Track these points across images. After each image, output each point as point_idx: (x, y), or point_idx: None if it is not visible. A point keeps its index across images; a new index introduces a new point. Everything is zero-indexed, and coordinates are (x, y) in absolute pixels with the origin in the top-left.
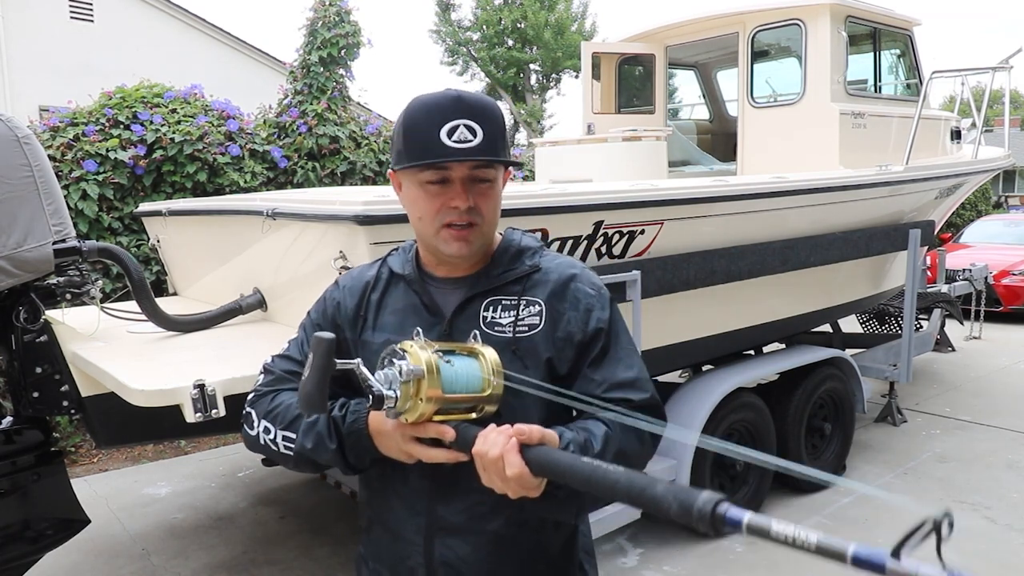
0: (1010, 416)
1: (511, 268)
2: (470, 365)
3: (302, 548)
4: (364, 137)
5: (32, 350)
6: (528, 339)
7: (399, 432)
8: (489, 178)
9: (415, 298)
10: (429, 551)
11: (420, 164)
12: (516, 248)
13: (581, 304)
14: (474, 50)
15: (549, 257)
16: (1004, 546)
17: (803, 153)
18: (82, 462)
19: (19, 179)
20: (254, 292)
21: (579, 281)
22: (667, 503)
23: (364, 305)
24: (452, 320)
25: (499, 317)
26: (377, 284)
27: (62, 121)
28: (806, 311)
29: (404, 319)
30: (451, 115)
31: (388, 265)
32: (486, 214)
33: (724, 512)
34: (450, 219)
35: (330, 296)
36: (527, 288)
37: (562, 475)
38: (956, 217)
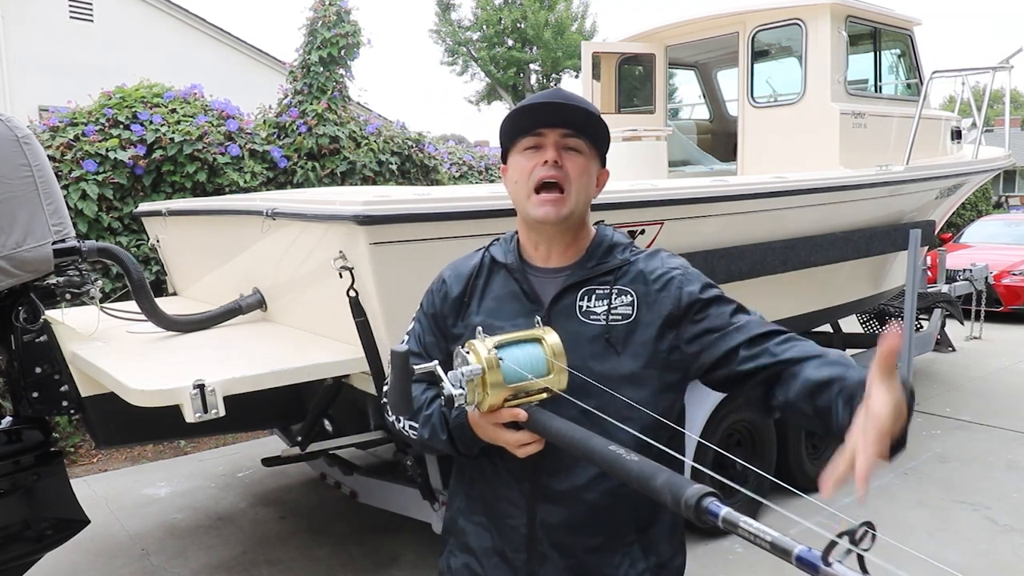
0: (1010, 416)
1: (604, 261)
2: (531, 351)
3: (302, 548)
4: (364, 137)
5: (32, 350)
6: (621, 327)
7: (484, 421)
8: (579, 149)
9: (515, 286)
10: (532, 514)
11: (519, 129)
12: (609, 242)
13: (672, 284)
14: (474, 50)
15: (637, 251)
16: (1004, 546)
17: (803, 153)
18: (82, 462)
19: (19, 179)
20: (254, 292)
21: (665, 264)
22: (664, 493)
23: (468, 292)
24: (550, 308)
25: (593, 306)
26: (481, 271)
27: (62, 121)
28: (806, 311)
29: (504, 305)
30: (550, 96)
31: (490, 253)
32: (574, 178)
33: (707, 505)
34: (541, 175)
35: (437, 288)
36: (619, 279)
37: (581, 455)
38: (956, 217)
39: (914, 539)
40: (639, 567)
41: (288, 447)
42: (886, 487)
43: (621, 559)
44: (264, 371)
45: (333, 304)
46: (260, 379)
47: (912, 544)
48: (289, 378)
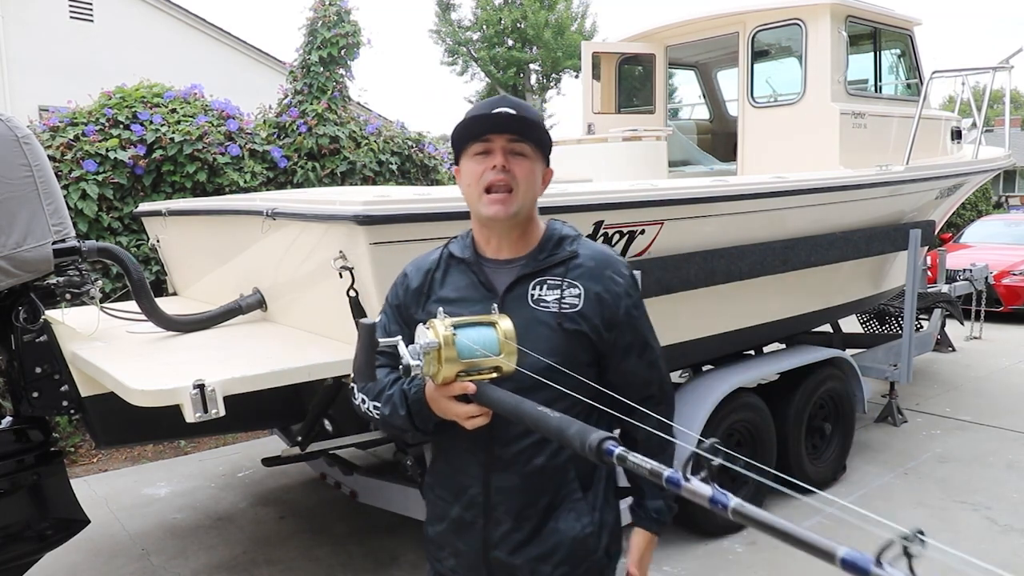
0: (1010, 416)
1: (554, 253)
2: (485, 333)
3: (302, 548)
4: (364, 137)
5: (32, 350)
6: (568, 315)
7: (438, 394)
8: (524, 153)
9: (473, 277)
10: (487, 482)
11: (468, 135)
12: (558, 236)
13: (613, 289)
14: (474, 50)
15: (585, 244)
16: (1004, 546)
17: (803, 153)
18: (82, 462)
19: (19, 179)
20: (254, 292)
21: (611, 268)
22: (575, 440)
23: (427, 283)
24: (504, 296)
25: (545, 295)
26: (440, 264)
27: (62, 121)
28: (806, 311)
29: (463, 294)
30: (496, 104)
31: (448, 250)
32: (520, 179)
33: (605, 447)
34: (490, 179)
35: (400, 282)
36: (569, 271)
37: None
38: (956, 217)
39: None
40: (584, 521)
41: (288, 447)
42: (886, 487)
43: (567, 514)
44: (264, 371)
45: (333, 304)
46: (260, 379)
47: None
48: (289, 378)
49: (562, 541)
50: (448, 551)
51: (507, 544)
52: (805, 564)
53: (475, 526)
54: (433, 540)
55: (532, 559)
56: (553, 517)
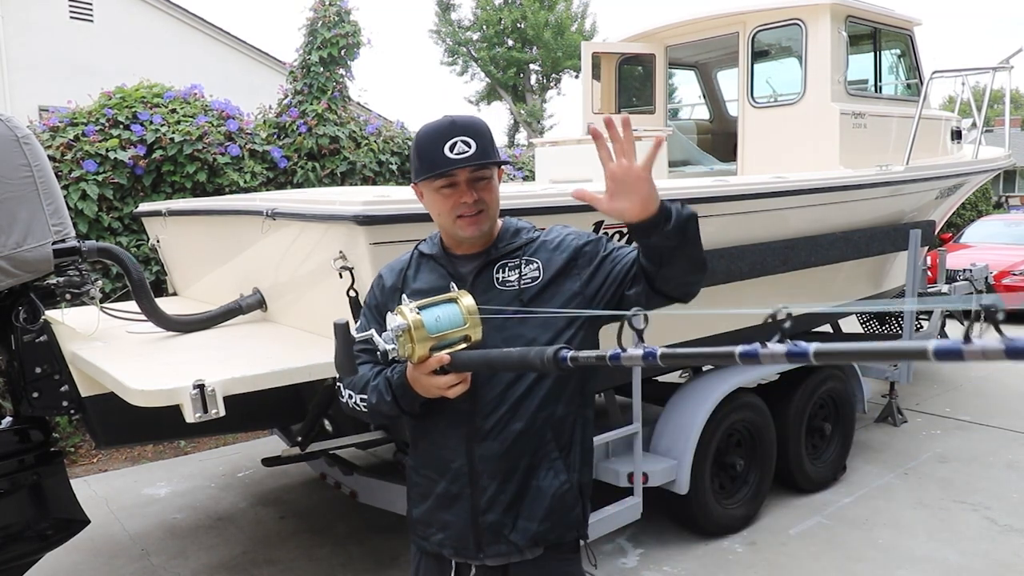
0: (1010, 416)
1: (512, 241)
2: (449, 308)
3: (302, 548)
4: (364, 137)
5: (32, 350)
6: (532, 288)
7: (418, 373)
8: (487, 176)
9: (442, 270)
10: (471, 452)
11: (433, 175)
12: (514, 228)
13: (565, 242)
14: (474, 50)
15: (545, 232)
16: (1004, 546)
17: (803, 153)
18: (82, 462)
19: (19, 179)
20: (254, 292)
21: (565, 232)
22: (535, 361)
23: (401, 279)
24: (473, 283)
25: (507, 276)
26: (411, 264)
27: (62, 121)
28: (806, 311)
29: (435, 285)
30: (449, 135)
31: (419, 250)
32: (489, 203)
33: (561, 354)
34: (461, 212)
35: (375, 285)
36: (526, 252)
37: (487, 368)
38: (956, 217)
39: (914, 539)
40: (561, 478)
41: (288, 447)
42: (886, 487)
43: (546, 472)
44: (264, 371)
45: (333, 304)
46: (260, 379)
47: (912, 544)
48: (289, 378)
49: (543, 497)
50: (435, 527)
51: (495, 507)
52: (806, 564)
53: (462, 496)
54: (419, 520)
55: (518, 517)
56: (534, 476)
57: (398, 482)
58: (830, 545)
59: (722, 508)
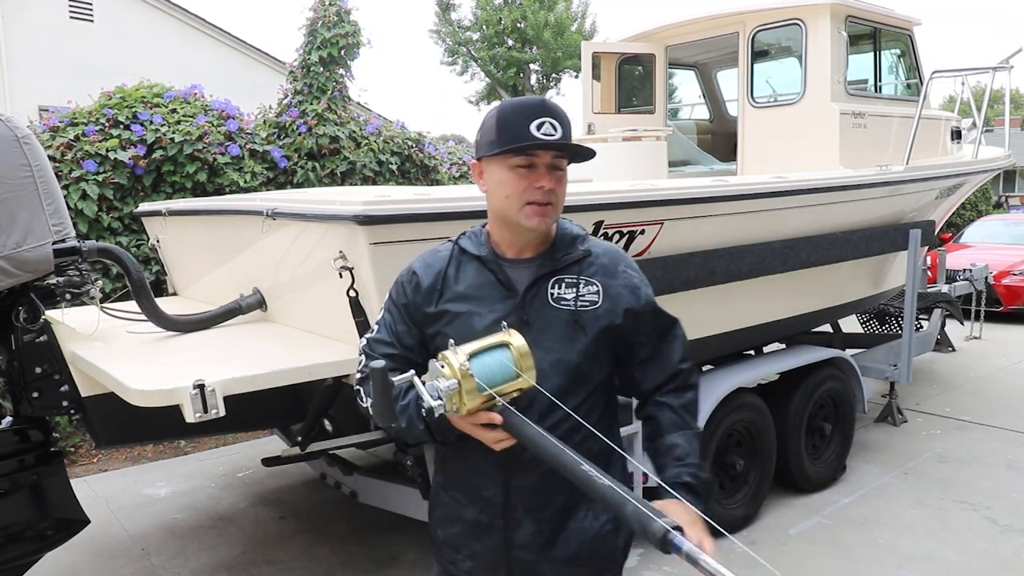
0: (1010, 416)
1: (569, 252)
2: (500, 357)
3: (302, 548)
4: (364, 137)
5: (32, 350)
6: (588, 312)
7: (461, 420)
8: (564, 168)
9: (490, 275)
10: (507, 482)
11: (512, 150)
12: (570, 235)
13: (630, 281)
14: (474, 50)
15: (594, 243)
16: (1004, 546)
17: (803, 153)
18: (82, 462)
19: (19, 179)
20: (254, 292)
21: (623, 263)
22: (633, 522)
23: (441, 280)
24: (524, 295)
25: (564, 293)
26: (451, 262)
27: (62, 121)
28: (806, 311)
29: (481, 292)
30: (539, 113)
31: (460, 246)
32: (559, 198)
33: (671, 539)
34: (535, 197)
35: (406, 279)
36: (584, 269)
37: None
38: (956, 217)
39: (914, 538)
40: (602, 519)
41: (288, 447)
42: (886, 487)
43: (585, 513)
44: (264, 371)
45: (333, 304)
46: (260, 379)
47: (911, 544)
48: (289, 378)
49: (583, 541)
50: (464, 553)
51: (530, 546)
52: (806, 564)
53: (494, 527)
54: (446, 542)
55: (555, 561)
56: (572, 516)
57: (398, 482)
58: (830, 545)
59: (722, 508)
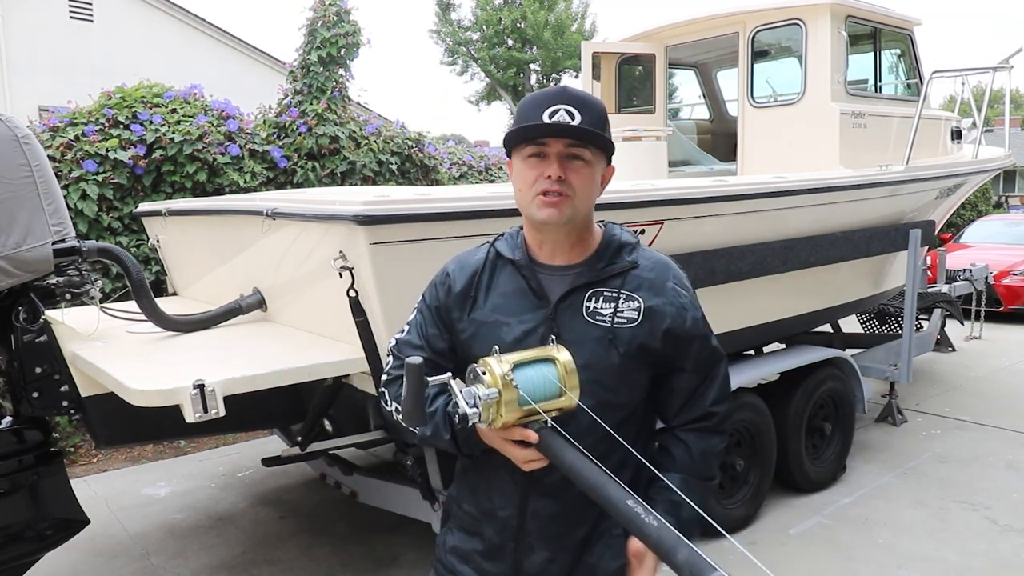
0: (1010, 416)
1: (613, 263)
2: (545, 372)
3: (302, 548)
4: (364, 137)
5: (32, 350)
6: (625, 330)
7: (493, 433)
8: (583, 157)
9: (523, 282)
10: (523, 505)
11: (515, 134)
12: (617, 243)
13: (678, 300)
14: (474, 50)
15: (645, 254)
16: (1004, 546)
17: (803, 153)
18: (82, 462)
19: (19, 179)
20: (254, 292)
21: (674, 281)
22: (683, 569)
23: (474, 286)
24: (557, 305)
25: (600, 308)
26: (486, 266)
27: (62, 121)
28: (806, 311)
29: (512, 301)
30: (554, 101)
31: (496, 249)
32: (577, 188)
33: None
34: (543, 187)
35: (440, 282)
36: (626, 283)
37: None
38: (956, 217)
39: (914, 538)
40: (621, 560)
41: (288, 447)
42: (886, 487)
43: (604, 550)
44: (264, 371)
45: (333, 304)
46: (260, 379)
47: (911, 544)
48: (289, 378)
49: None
50: (472, 566)
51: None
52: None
53: (504, 550)
54: (453, 550)
55: None
56: (590, 552)
57: (398, 482)
58: (830, 545)
59: (722, 508)
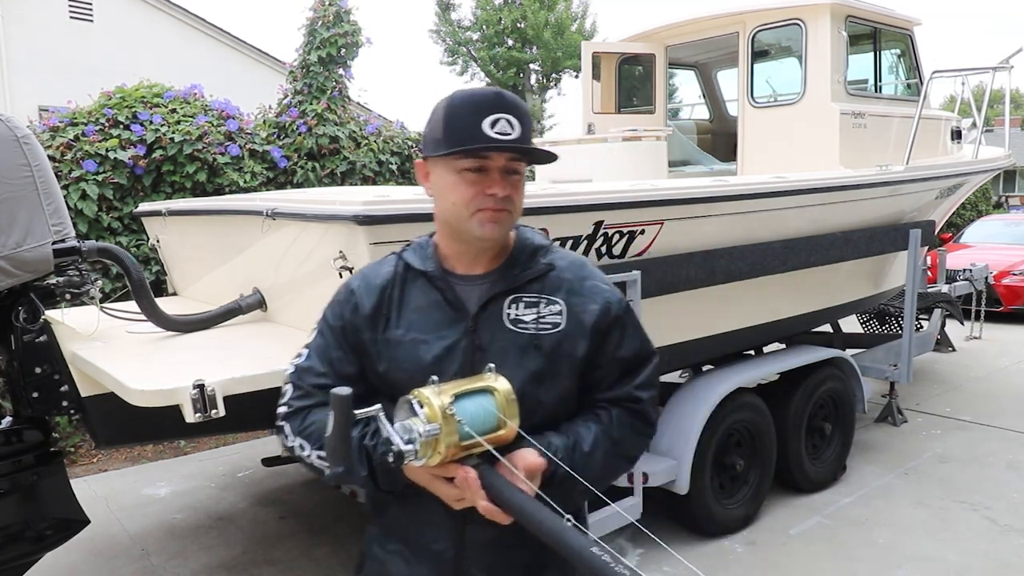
0: (1010, 416)
1: (529, 267)
2: (484, 403)
3: (302, 548)
4: (364, 137)
5: (32, 350)
6: (550, 336)
7: (423, 470)
8: (520, 171)
9: (437, 295)
10: (459, 535)
11: (461, 151)
12: (531, 246)
13: (600, 296)
14: (474, 50)
15: (559, 255)
16: (1004, 546)
17: (803, 153)
18: (82, 462)
19: (19, 179)
20: (254, 292)
21: (592, 279)
22: None
23: (385, 303)
24: (477, 316)
25: (522, 314)
26: (395, 281)
27: (62, 121)
28: (806, 311)
29: (428, 316)
30: (494, 108)
31: (404, 260)
32: (517, 203)
33: None
34: (486, 205)
35: (344, 300)
36: (546, 287)
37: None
38: (956, 217)
39: (914, 538)
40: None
41: None
42: (886, 487)
43: (555, 574)
44: (264, 371)
45: None
46: (260, 379)
47: (911, 544)
48: None
49: None
50: None
51: None
52: (806, 564)
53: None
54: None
55: None
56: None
57: None
58: (830, 545)
59: (722, 508)
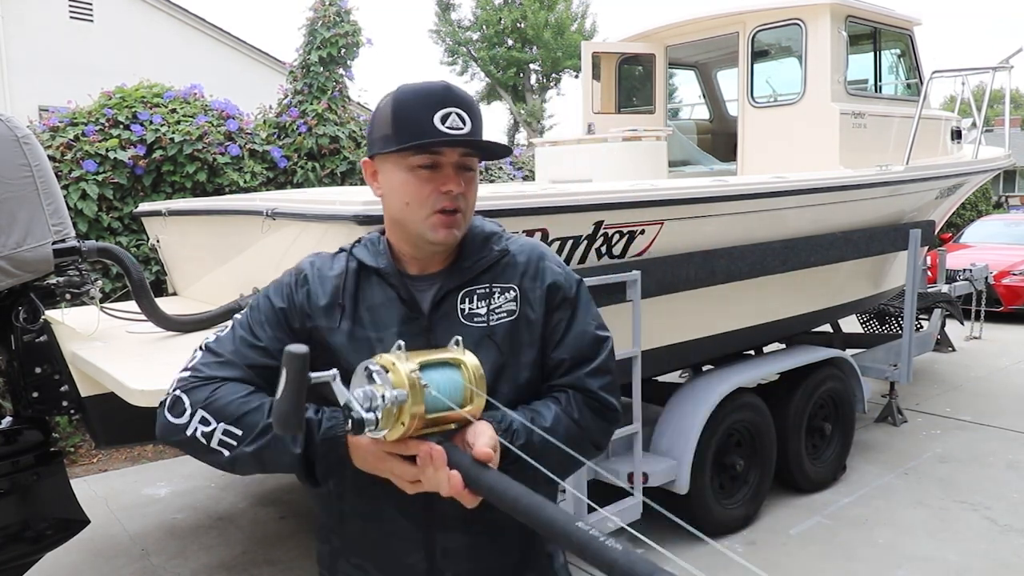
0: (1010, 416)
1: (481, 257)
2: (452, 377)
3: (302, 548)
4: (364, 137)
5: (32, 350)
6: (503, 325)
7: (376, 447)
8: (473, 167)
9: (392, 292)
10: (430, 544)
11: (412, 147)
12: (482, 235)
13: (553, 277)
14: (474, 50)
15: (515, 240)
16: (1004, 546)
17: (803, 153)
18: (82, 462)
19: (19, 179)
20: (254, 292)
21: (548, 261)
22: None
23: (341, 294)
24: (431, 316)
25: (476, 308)
26: (347, 276)
27: (62, 121)
28: (806, 311)
29: (382, 314)
30: (444, 102)
31: (356, 257)
32: (470, 201)
33: None
34: (442, 204)
35: (293, 282)
36: (499, 275)
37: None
38: (956, 217)
39: (914, 538)
40: None
41: None
42: (886, 487)
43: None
44: None
45: None
46: None
47: (912, 544)
48: None
49: None
50: None
51: None
52: (806, 564)
53: None
54: None
55: None
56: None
57: None
58: (830, 545)
59: (722, 508)
